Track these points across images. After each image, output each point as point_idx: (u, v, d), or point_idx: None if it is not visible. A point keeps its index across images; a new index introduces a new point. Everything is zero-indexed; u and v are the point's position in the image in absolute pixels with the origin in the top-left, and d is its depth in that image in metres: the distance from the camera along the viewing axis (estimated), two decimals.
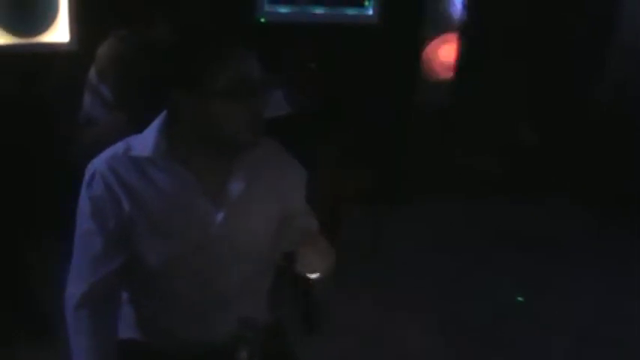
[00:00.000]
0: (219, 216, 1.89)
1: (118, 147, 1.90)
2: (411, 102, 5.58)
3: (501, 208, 5.43)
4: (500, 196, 5.49)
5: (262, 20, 5.01)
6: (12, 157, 4.01)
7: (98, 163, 1.87)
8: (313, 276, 1.85)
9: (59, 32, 4.40)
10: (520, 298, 4.35)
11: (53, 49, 4.37)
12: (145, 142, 1.87)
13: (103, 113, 3.21)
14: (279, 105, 4.54)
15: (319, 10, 5.13)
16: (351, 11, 5.19)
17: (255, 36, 4.81)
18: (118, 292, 1.96)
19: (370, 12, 5.20)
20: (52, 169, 3.66)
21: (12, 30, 4.29)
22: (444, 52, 5.55)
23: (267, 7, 5.01)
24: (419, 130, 5.61)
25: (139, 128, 1.94)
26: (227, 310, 1.95)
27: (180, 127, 1.85)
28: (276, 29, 4.99)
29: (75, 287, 1.87)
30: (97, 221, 1.85)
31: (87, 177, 1.87)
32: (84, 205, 1.87)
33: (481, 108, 5.64)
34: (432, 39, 5.54)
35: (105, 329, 1.90)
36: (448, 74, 5.65)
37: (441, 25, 5.55)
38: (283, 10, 5.06)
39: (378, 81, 5.17)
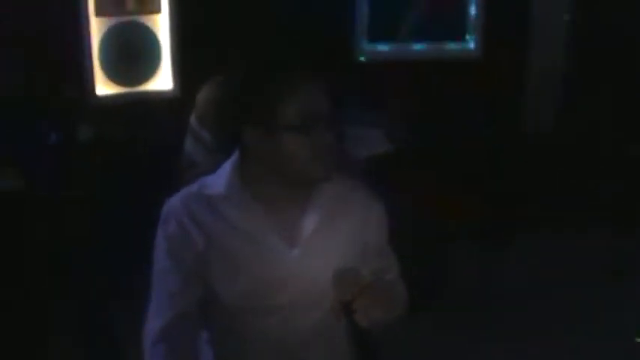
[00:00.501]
0: (293, 253, 1.84)
1: (193, 186, 1.90)
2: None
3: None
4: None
5: (361, 59, 5.00)
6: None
7: (173, 203, 1.88)
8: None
9: (163, 80, 4.55)
10: None
11: (157, 96, 4.51)
12: (218, 180, 1.86)
13: (204, 156, 3.25)
14: (380, 142, 4.54)
15: (419, 47, 5.08)
16: (451, 46, 5.11)
17: (354, 74, 4.95)
18: (196, 330, 1.93)
19: (472, 46, 5.10)
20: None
21: (119, 80, 4.47)
22: None
23: (366, 46, 5.00)
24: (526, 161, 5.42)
25: None
26: (306, 350, 1.91)
27: (252, 164, 1.83)
28: (375, 67, 4.98)
29: (152, 323, 1.85)
30: (173, 259, 1.84)
31: (162, 216, 1.88)
32: (160, 244, 1.87)
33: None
34: None
35: None
36: None
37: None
38: (382, 47, 5.03)
39: (479, 114, 5.04)
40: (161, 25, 4.52)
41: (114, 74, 4.44)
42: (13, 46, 4.10)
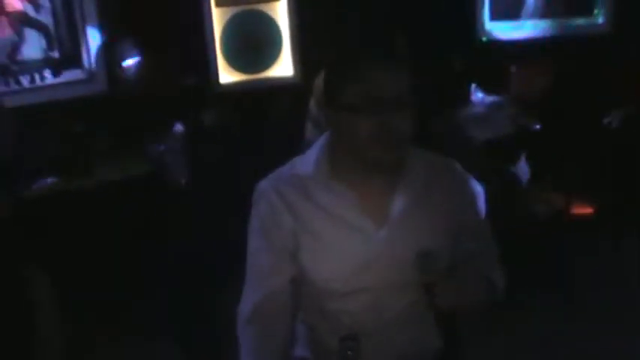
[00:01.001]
0: (381, 234, 1.83)
1: (285, 167, 1.93)
2: None
3: None
4: None
5: (484, 39, 4.87)
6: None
7: (264, 184, 1.91)
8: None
9: (284, 67, 4.60)
10: None
11: (279, 82, 4.56)
12: (308, 161, 1.88)
13: None
14: (504, 124, 4.42)
15: (543, 24, 4.89)
16: (579, 21, 4.88)
17: (477, 55, 4.84)
18: (289, 311, 1.92)
19: (600, 20, 4.86)
20: None
21: (241, 68, 4.55)
22: None
23: (489, 26, 4.87)
24: None
25: None
26: (397, 331, 1.89)
27: (338, 146, 1.83)
28: (499, 47, 4.84)
29: (245, 302, 1.89)
30: (264, 239, 1.87)
31: (254, 197, 1.91)
32: (252, 224, 1.91)
33: None
34: None
35: (273, 344, 1.87)
36: None
37: None
38: (505, 26, 4.88)
39: (609, 94, 4.75)
40: (281, 12, 4.57)
41: (236, 62, 4.53)
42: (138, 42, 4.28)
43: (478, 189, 1.98)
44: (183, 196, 3.98)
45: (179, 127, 4.31)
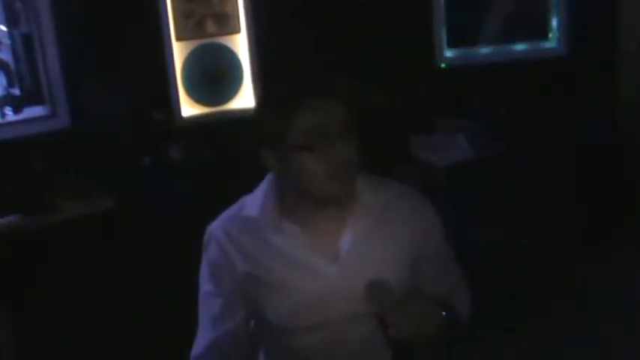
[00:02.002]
0: (333, 269, 1.83)
1: (233, 207, 1.93)
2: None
3: None
4: None
5: (443, 66, 4.94)
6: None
7: (214, 227, 1.91)
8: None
9: (245, 99, 4.62)
10: None
11: (241, 114, 4.59)
12: (255, 202, 1.89)
13: None
14: (463, 150, 4.48)
15: (500, 49, 4.97)
16: (535, 45, 4.96)
17: (436, 82, 4.91)
18: (243, 351, 1.93)
19: (554, 45, 4.95)
20: None
21: (204, 101, 4.57)
22: None
23: (448, 52, 4.95)
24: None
25: None
26: None
27: (286, 185, 1.83)
28: (458, 73, 4.92)
29: (197, 348, 1.89)
30: (215, 283, 1.88)
31: (205, 240, 1.92)
32: (203, 268, 1.92)
33: None
34: None
35: None
36: None
37: None
38: (464, 53, 4.96)
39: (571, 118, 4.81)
40: (241, 45, 4.61)
41: (198, 95, 4.55)
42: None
43: (433, 213, 1.97)
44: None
45: (146, 159, 4.34)
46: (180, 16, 4.44)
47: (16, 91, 4.09)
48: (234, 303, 1.87)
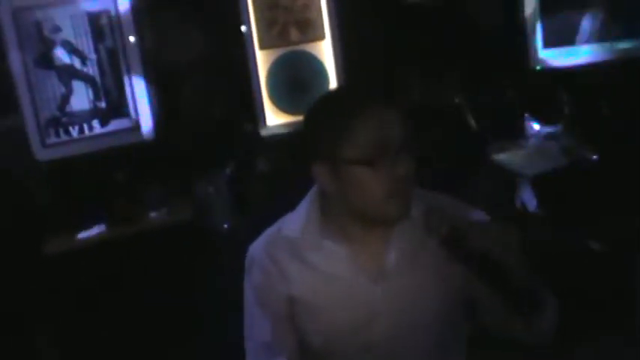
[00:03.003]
0: (378, 289, 1.71)
1: (274, 227, 1.83)
2: None
3: None
4: None
5: (538, 68, 4.71)
6: None
7: (255, 249, 1.82)
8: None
9: None
10: None
11: None
12: (295, 221, 1.78)
13: None
14: (555, 157, 4.24)
15: (601, 49, 4.68)
16: (635, 44, 4.63)
17: (530, 85, 4.68)
18: None
19: None
20: None
21: (289, 110, 4.54)
22: None
23: (543, 54, 4.71)
24: None
25: None
26: None
27: (327, 202, 1.72)
28: (553, 75, 4.67)
29: None
30: (261, 307, 1.78)
31: (246, 264, 1.83)
32: (247, 294, 1.83)
33: None
34: None
35: None
36: None
37: None
38: (560, 54, 4.71)
39: None
40: (326, 51, 4.55)
41: (283, 104, 4.52)
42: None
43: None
44: (224, 241, 3.98)
45: (228, 170, 4.34)
46: (264, 25, 4.43)
47: (102, 105, 4.19)
48: (283, 327, 1.78)
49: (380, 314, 1.72)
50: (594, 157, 4.08)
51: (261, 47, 4.44)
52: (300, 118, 4.80)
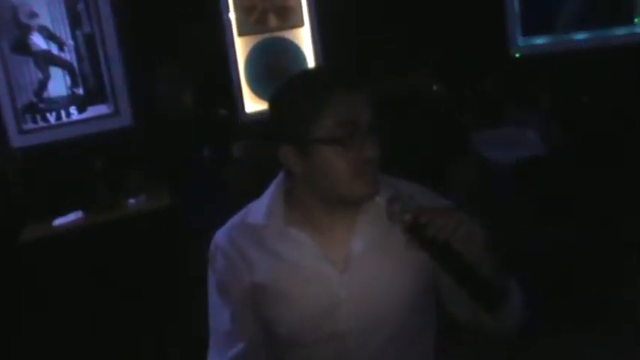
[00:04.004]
0: (343, 277, 1.69)
1: (240, 215, 1.81)
2: None
3: None
4: None
5: (517, 55, 4.71)
6: None
7: (219, 236, 1.79)
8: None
9: None
10: None
11: None
12: (260, 207, 1.76)
13: None
14: (533, 145, 4.25)
15: (581, 36, 4.69)
16: (618, 32, 4.66)
17: (508, 72, 4.68)
18: None
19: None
20: None
21: (266, 97, 4.50)
22: None
23: (521, 41, 4.71)
24: None
25: None
26: None
27: (300, 187, 1.70)
28: (532, 63, 4.68)
29: None
30: (222, 295, 1.77)
31: (210, 251, 1.80)
32: (210, 280, 1.81)
33: None
34: None
35: None
36: None
37: None
38: (540, 41, 4.71)
39: None
40: (305, 38, 4.55)
41: (261, 91, 4.51)
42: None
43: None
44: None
45: (206, 152, 4.33)
46: (242, 11, 4.41)
47: (80, 91, 4.17)
48: (244, 316, 1.77)
49: (345, 302, 1.71)
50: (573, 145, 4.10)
51: (240, 34, 4.44)
52: None
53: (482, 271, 1.49)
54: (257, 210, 1.76)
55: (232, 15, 4.38)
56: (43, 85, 4.11)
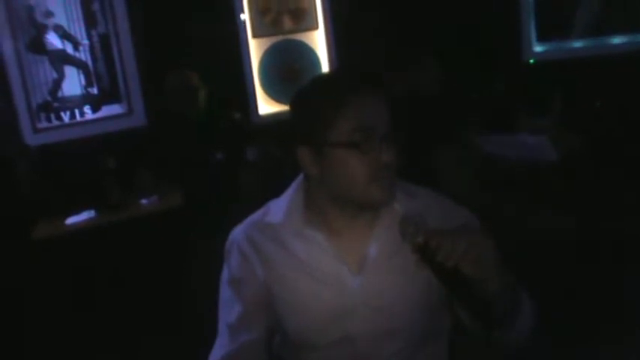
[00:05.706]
0: (357, 280, 1.70)
1: (259, 213, 1.82)
2: None
3: None
4: None
5: (531, 62, 4.70)
6: None
7: (237, 232, 1.80)
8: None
9: None
10: None
11: None
12: (279, 208, 1.77)
13: None
14: (545, 151, 4.23)
15: (593, 43, 4.67)
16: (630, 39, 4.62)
17: (523, 78, 4.68)
18: None
19: None
20: None
21: (281, 99, 4.54)
22: None
23: (536, 47, 4.70)
24: None
25: None
26: None
27: (311, 188, 1.71)
28: (547, 69, 4.67)
29: (214, 355, 1.76)
30: (235, 290, 1.76)
31: (226, 246, 1.81)
32: (224, 274, 1.81)
33: None
34: None
35: None
36: None
37: None
38: (553, 48, 4.70)
39: None
40: (319, 41, 4.55)
41: (275, 93, 4.53)
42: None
43: (473, 224, 1.77)
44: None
45: (220, 157, 4.33)
46: (257, 13, 4.42)
47: (94, 90, 4.19)
48: (252, 314, 1.76)
49: (358, 306, 1.71)
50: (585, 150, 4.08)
51: (254, 35, 4.45)
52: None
53: (491, 287, 1.47)
54: (276, 209, 1.77)
55: (247, 16, 4.39)
56: (57, 84, 4.14)
